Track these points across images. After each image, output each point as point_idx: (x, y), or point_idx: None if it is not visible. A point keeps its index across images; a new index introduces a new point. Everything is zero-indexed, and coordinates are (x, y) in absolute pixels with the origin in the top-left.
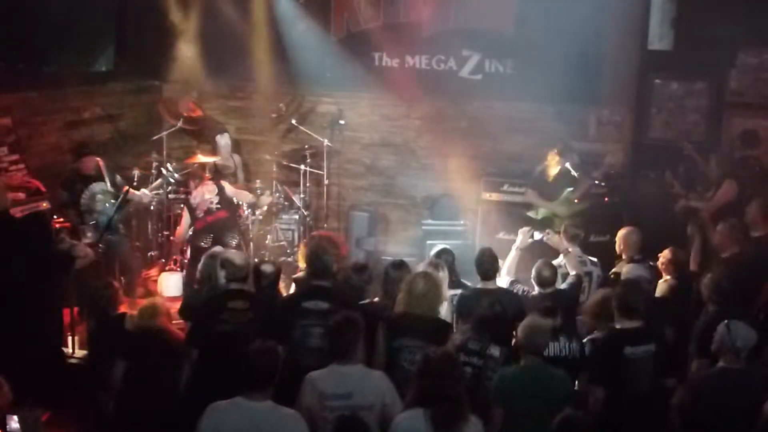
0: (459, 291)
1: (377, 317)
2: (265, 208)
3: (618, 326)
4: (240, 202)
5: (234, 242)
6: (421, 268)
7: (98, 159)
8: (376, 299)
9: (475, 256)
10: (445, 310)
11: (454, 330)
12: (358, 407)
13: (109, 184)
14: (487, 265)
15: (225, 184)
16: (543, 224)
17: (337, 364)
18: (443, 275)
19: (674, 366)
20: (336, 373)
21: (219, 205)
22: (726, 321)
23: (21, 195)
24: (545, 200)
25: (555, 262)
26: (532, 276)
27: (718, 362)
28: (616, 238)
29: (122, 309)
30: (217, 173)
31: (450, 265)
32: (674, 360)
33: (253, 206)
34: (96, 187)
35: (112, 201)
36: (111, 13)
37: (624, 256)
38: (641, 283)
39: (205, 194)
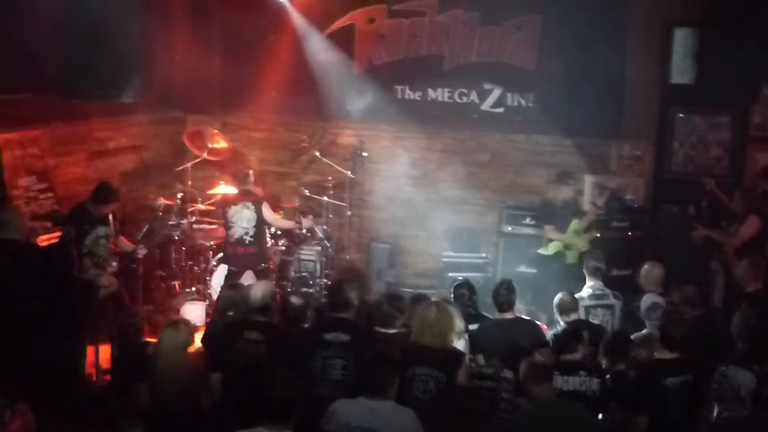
0: (477, 325)
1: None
2: (305, 231)
3: (657, 356)
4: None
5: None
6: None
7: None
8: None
9: (493, 288)
10: (461, 345)
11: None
12: None
13: (112, 228)
14: (503, 297)
15: (265, 207)
16: (555, 259)
17: (367, 398)
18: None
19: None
20: (365, 406)
21: (252, 239)
22: (722, 368)
23: (48, 224)
24: (561, 234)
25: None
26: (554, 304)
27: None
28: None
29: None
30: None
31: (469, 298)
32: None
33: (291, 233)
34: (101, 230)
35: (110, 246)
36: (136, 46)
37: (645, 291)
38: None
39: (243, 222)
